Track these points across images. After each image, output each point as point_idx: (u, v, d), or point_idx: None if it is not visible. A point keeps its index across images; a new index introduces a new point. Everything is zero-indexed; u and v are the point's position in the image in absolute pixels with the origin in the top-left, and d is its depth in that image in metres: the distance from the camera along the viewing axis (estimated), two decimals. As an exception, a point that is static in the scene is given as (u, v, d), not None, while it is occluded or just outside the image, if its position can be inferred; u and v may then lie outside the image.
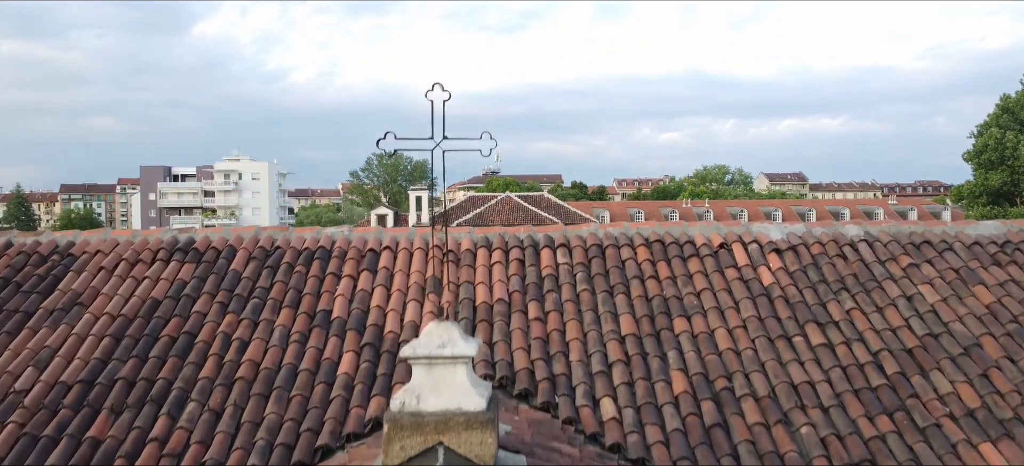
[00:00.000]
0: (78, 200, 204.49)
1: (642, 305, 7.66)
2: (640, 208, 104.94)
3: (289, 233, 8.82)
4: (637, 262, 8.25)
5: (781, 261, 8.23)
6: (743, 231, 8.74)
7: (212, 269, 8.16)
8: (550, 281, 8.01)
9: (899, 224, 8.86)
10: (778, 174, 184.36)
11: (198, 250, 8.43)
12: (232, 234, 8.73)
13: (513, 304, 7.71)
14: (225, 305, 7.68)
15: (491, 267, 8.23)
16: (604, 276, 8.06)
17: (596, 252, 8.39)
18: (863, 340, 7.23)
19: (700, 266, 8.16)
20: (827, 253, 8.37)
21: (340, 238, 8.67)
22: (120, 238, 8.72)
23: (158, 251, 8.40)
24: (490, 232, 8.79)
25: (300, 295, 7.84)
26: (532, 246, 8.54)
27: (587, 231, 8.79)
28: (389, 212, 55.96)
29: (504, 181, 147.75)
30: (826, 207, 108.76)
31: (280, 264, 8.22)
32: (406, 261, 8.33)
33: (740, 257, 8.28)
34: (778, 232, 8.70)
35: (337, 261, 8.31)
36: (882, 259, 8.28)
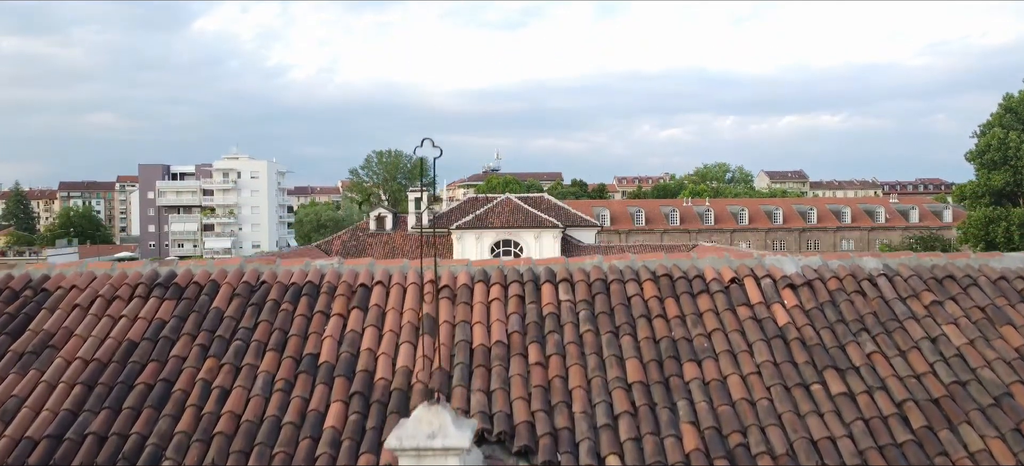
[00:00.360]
0: (77, 197, 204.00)
1: (650, 348, 7.20)
2: (640, 207, 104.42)
3: (276, 266, 8.36)
4: (644, 299, 7.79)
5: (796, 298, 7.77)
6: (755, 264, 8.28)
7: (193, 307, 7.69)
8: (552, 320, 7.55)
9: (919, 257, 8.39)
10: (779, 172, 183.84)
11: (179, 286, 7.97)
12: (215, 268, 8.27)
13: (512, 346, 7.25)
14: (206, 348, 7.22)
15: (489, 304, 7.77)
16: (609, 314, 7.60)
17: (600, 288, 7.93)
18: (886, 388, 6.76)
19: (710, 303, 7.70)
20: (845, 289, 7.90)
21: (329, 272, 8.21)
22: (98, 272, 8.26)
23: (136, 287, 7.94)
24: (488, 265, 8.32)
25: (286, 336, 7.37)
26: (532, 281, 8.08)
27: (590, 264, 8.33)
28: (388, 214, 55.43)
29: (504, 179, 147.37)
30: (827, 206, 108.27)
31: (265, 301, 7.76)
32: (399, 298, 7.87)
33: (753, 293, 7.82)
34: (792, 265, 8.24)
35: (326, 298, 7.85)
36: (903, 296, 7.82)
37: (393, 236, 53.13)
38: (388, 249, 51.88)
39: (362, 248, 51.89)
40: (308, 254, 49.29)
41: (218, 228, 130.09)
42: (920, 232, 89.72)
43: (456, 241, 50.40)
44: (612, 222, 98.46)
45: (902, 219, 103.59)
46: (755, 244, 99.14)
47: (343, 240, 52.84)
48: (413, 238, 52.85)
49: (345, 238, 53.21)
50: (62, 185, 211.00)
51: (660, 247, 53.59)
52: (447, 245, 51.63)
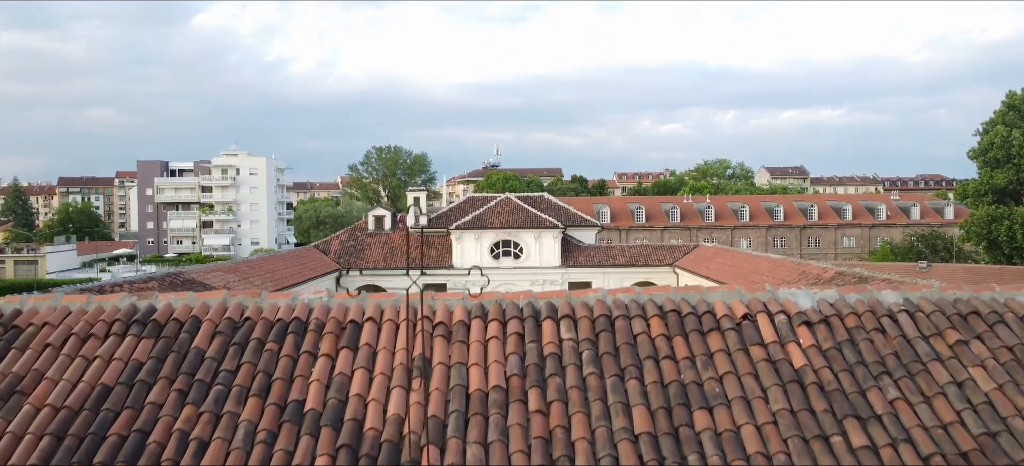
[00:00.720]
0: (76, 193, 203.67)
1: (657, 394, 6.75)
2: (641, 204, 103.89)
3: (262, 300, 7.90)
4: (651, 337, 7.34)
5: (813, 337, 7.31)
6: (768, 298, 7.83)
7: (172, 346, 7.24)
8: (553, 361, 7.10)
9: (942, 291, 7.94)
10: (779, 168, 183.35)
11: (158, 322, 7.51)
12: (197, 302, 7.81)
13: (511, 391, 6.80)
14: (184, 393, 6.77)
15: (487, 343, 7.32)
16: (614, 355, 7.15)
17: (604, 325, 7.48)
18: (911, 440, 6.32)
19: (722, 343, 7.25)
20: (864, 327, 7.45)
21: (318, 307, 7.75)
22: (72, 306, 7.80)
23: (113, 324, 7.49)
24: (486, 299, 7.86)
25: (270, 380, 6.92)
26: (533, 316, 7.62)
27: (594, 298, 7.87)
28: (387, 213, 54.94)
29: (503, 175, 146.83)
30: (828, 203, 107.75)
31: (249, 340, 7.30)
32: (391, 336, 7.42)
33: (766, 331, 7.37)
34: (808, 300, 7.78)
35: (313, 336, 7.39)
36: (926, 334, 7.37)
37: (392, 236, 52.68)
38: (387, 249, 51.43)
39: (361, 248, 51.45)
40: (306, 255, 48.85)
41: (217, 225, 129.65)
42: (921, 229, 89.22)
43: (455, 241, 49.96)
44: (612, 219, 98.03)
45: (903, 216, 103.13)
46: (756, 241, 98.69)
47: (342, 240, 52.37)
48: (412, 238, 52.41)
49: (343, 238, 52.73)
50: (61, 181, 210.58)
51: (661, 248, 53.12)
52: (446, 245, 51.20)
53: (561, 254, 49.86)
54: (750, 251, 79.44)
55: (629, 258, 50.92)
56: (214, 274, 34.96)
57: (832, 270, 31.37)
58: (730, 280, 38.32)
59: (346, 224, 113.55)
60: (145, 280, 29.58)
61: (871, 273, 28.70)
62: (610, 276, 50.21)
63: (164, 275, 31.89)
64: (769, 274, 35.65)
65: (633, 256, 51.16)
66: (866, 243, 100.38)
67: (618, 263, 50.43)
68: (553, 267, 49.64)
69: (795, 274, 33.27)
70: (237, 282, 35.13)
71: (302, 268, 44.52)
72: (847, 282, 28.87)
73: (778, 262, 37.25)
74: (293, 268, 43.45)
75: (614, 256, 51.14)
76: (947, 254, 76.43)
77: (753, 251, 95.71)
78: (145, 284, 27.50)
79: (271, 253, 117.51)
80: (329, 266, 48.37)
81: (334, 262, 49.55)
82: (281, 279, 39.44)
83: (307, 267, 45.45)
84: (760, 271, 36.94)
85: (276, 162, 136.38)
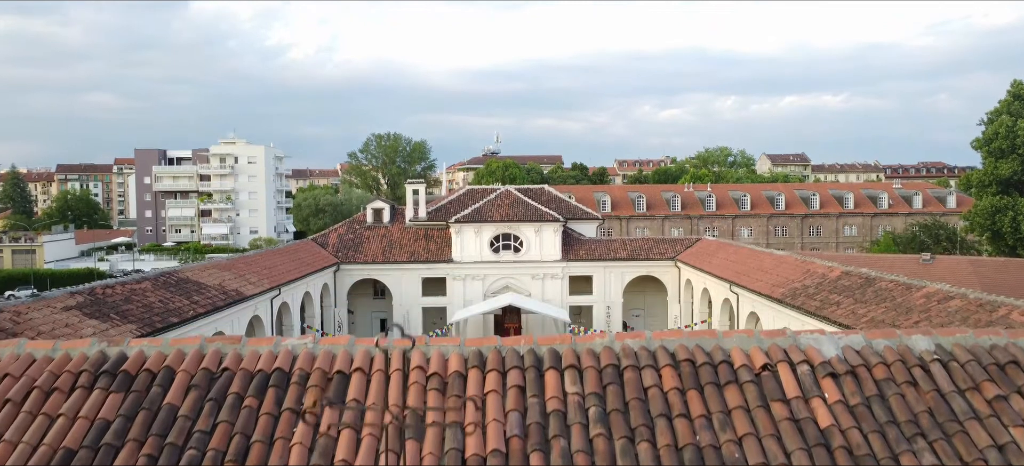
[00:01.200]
0: (75, 180, 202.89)
1: (671, 459, 6.16)
2: (641, 192, 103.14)
3: (242, 346, 7.31)
4: (663, 391, 6.76)
5: (839, 390, 6.73)
6: (790, 344, 7.24)
7: (142, 402, 6.65)
8: (557, 419, 6.51)
9: (976, 335, 7.35)
10: (780, 155, 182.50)
11: (128, 374, 6.93)
12: (172, 349, 7.22)
13: (512, 454, 6.22)
14: (154, 458, 6.19)
15: (485, 398, 6.74)
16: (623, 413, 6.56)
17: (613, 376, 6.89)
18: (951, 516, 5.75)
19: (740, 398, 6.67)
20: (894, 379, 6.86)
21: (302, 355, 7.16)
22: (37, 353, 7.22)
23: (80, 375, 6.90)
24: (484, 345, 7.28)
25: (248, 443, 6.34)
26: (535, 366, 7.03)
27: (601, 345, 7.28)
28: (386, 206, 54.27)
29: (503, 162, 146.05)
30: (829, 191, 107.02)
31: (226, 396, 6.72)
32: (381, 389, 6.83)
33: (788, 384, 6.79)
34: (832, 347, 7.19)
35: (297, 389, 6.81)
36: (961, 388, 6.78)
37: (391, 229, 52.08)
38: (385, 243, 50.84)
39: (359, 242, 50.85)
40: (303, 248, 48.23)
41: (215, 214, 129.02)
42: (923, 219, 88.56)
43: (455, 235, 49.36)
44: (613, 208, 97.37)
45: (905, 205, 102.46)
46: (757, 230, 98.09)
47: (340, 233, 51.76)
48: (411, 231, 51.79)
49: (342, 231, 52.12)
50: (60, 168, 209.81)
51: (663, 241, 52.51)
52: (446, 238, 50.60)
53: (562, 247, 49.27)
54: (752, 244, 78.86)
55: (630, 251, 50.33)
56: (209, 272, 34.38)
57: (838, 269, 30.78)
58: (733, 277, 37.73)
59: (345, 212, 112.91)
60: (139, 280, 29.01)
61: (879, 273, 28.12)
62: (611, 270, 49.65)
63: (158, 274, 31.31)
64: (773, 271, 35.06)
65: (634, 249, 50.56)
66: (868, 232, 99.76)
67: (619, 256, 49.84)
68: (553, 260, 49.07)
69: (800, 273, 32.68)
70: (232, 279, 34.55)
71: (299, 263, 43.95)
72: (853, 281, 28.28)
73: (782, 259, 36.64)
74: (290, 263, 42.87)
75: (615, 250, 50.54)
76: (950, 244, 75.81)
77: (755, 241, 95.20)
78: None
79: (270, 242, 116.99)
80: (327, 260, 47.80)
81: (332, 256, 48.96)
82: (277, 276, 38.86)
83: (304, 262, 44.87)
84: (764, 268, 36.35)
85: (275, 150, 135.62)
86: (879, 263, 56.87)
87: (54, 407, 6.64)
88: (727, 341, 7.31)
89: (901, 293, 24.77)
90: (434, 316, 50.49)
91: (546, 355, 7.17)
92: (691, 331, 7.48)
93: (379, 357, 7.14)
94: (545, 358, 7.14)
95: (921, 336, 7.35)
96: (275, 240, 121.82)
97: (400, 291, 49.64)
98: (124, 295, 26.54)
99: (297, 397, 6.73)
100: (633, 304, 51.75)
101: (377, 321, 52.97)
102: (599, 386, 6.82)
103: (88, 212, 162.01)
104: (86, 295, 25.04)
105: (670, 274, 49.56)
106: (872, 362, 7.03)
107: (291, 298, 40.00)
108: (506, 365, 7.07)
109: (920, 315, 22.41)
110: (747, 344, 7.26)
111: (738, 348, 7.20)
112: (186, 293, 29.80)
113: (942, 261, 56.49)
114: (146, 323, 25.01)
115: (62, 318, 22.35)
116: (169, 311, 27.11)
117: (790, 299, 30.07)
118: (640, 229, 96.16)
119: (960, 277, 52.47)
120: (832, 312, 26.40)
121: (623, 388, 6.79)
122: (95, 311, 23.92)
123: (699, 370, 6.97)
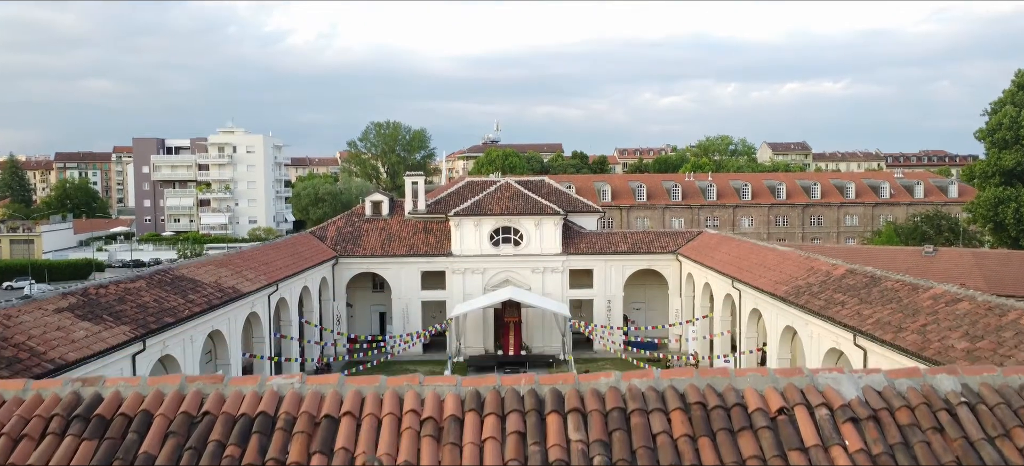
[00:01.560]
0: (73, 169, 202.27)
1: (682, 517, 5.75)
2: (642, 182, 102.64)
3: (224, 386, 6.88)
4: (673, 438, 6.33)
5: (861, 438, 6.29)
6: (807, 384, 6.81)
7: (117, 450, 6.22)
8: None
9: (1004, 374, 6.92)
10: (781, 143, 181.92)
11: (103, 417, 6.50)
12: (150, 389, 6.79)
13: (511, 511, 5.80)
14: (128, 516, 5.77)
15: (482, 445, 6.31)
16: (630, 463, 6.14)
17: (619, 421, 6.46)
18: None
19: (755, 446, 6.24)
20: (919, 424, 6.43)
21: (288, 397, 6.73)
22: (7, 394, 6.79)
23: (51, 420, 6.47)
24: (482, 385, 6.85)
25: (229, 498, 5.92)
26: (536, 409, 6.60)
27: (606, 385, 6.85)
28: (384, 199, 53.80)
29: (503, 151, 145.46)
30: (830, 181, 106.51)
31: (206, 444, 6.28)
32: (372, 434, 6.40)
33: (806, 430, 6.35)
34: (852, 388, 6.76)
35: (282, 435, 6.38)
36: (991, 435, 6.35)
37: (390, 222, 51.66)
38: (384, 236, 50.42)
39: (358, 235, 50.43)
40: (301, 242, 47.78)
41: (214, 203, 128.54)
42: (925, 208, 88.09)
43: (454, 228, 48.93)
44: (613, 197, 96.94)
45: (907, 194, 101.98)
46: (758, 220, 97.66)
47: (338, 226, 51.33)
48: (410, 224, 51.36)
49: (340, 224, 51.68)
50: (58, 156, 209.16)
51: (664, 235, 52.07)
52: (445, 231, 50.18)
53: (562, 241, 48.86)
54: (753, 234, 78.47)
55: (631, 245, 49.92)
56: (205, 268, 33.96)
57: (842, 266, 30.37)
58: (735, 273, 37.31)
59: (345, 201, 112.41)
60: (133, 279, 28.59)
61: (884, 273, 27.69)
62: (612, 263, 49.25)
63: (153, 272, 30.90)
64: (776, 268, 34.64)
65: (635, 243, 50.15)
66: (869, 222, 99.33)
67: (620, 250, 49.45)
68: (554, 254, 48.67)
69: (803, 270, 32.26)
70: (229, 276, 34.13)
71: (297, 257, 43.53)
72: (858, 280, 27.87)
73: (785, 255, 36.20)
74: (288, 258, 42.45)
75: (616, 243, 50.13)
76: (952, 235, 75.33)
77: (755, 230, 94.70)
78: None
79: (269, 232, 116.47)
80: (325, 254, 47.39)
81: (331, 249, 48.56)
82: (275, 271, 38.44)
83: (302, 256, 44.44)
84: (767, 264, 35.93)
85: (274, 139, 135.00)
86: (881, 255, 56.45)
87: (23, 456, 6.21)
88: (740, 381, 6.88)
89: (908, 294, 24.36)
90: (433, 310, 50.15)
91: (548, 396, 6.75)
92: (702, 368, 7.04)
93: (371, 397, 6.72)
94: (547, 400, 6.72)
95: (946, 375, 6.92)
96: (274, 230, 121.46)
97: (399, 285, 49.27)
98: (118, 295, 26.13)
99: (282, 444, 6.30)
100: (634, 298, 51.40)
101: (376, 314, 52.63)
102: (604, 432, 6.39)
103: (87, 201, 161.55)
104: (79, 296, 24.64)
105: (671, 268, 49.16)
106: (895, 405, 6.60)
107: (289, 293, 39.61)
108: (506, 408, 6.65)
109: (927, 317, 22.01)
110: (761, 384, 6.84)
111: (752, 388, 6.77)
112: (181, 291, 29.39)
113: (945, 254, 56.04)
114: (140, 324, 24.62)
115: (54, 321, 21.96)
116: (164, 311, 26.71)
117: (794, 297, 29.67)
118: (640, 219, 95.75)
119: (963, 270, 52.08)
120: (837, 312, 26.00)
121: (630, 435, 6.37)
122: (88, 313, 23.52)
123: (711, 414, 6.54)
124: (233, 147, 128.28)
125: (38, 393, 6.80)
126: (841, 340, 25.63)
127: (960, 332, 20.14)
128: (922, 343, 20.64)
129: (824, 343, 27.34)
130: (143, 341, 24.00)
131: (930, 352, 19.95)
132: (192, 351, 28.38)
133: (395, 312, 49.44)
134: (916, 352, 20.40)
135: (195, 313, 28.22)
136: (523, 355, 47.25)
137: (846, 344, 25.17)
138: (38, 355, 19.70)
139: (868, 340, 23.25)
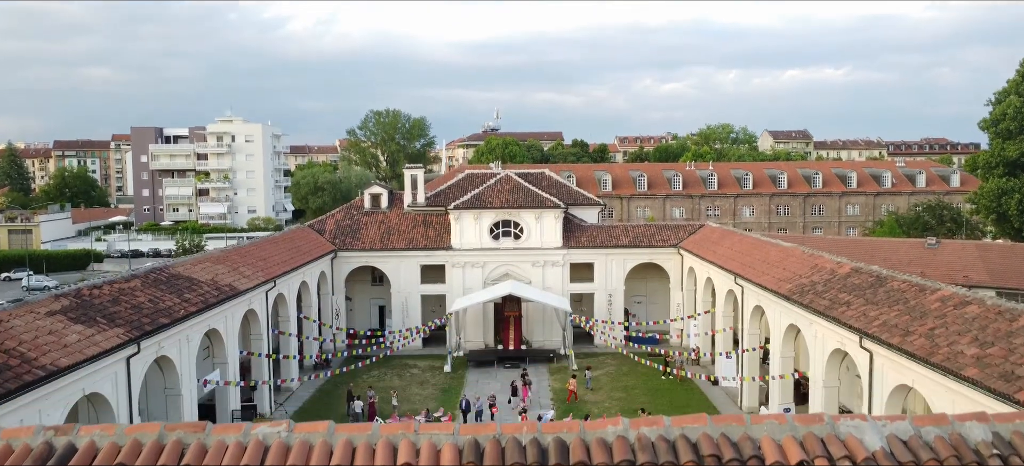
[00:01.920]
0: (72, 157, 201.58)
1: None
2: (643, 171, 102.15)
3: (206, 435, 6.45)
4: (685, 495, 5.91)
5: (886, 495, 5.88)
6: (827, 433, 6.38)
7: (91, 510, 5.82)
8: (564, 532, 5.68)
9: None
10: (782, 132, 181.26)
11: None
12: (128, 438, 6.36)
13: None
14: None
15: (482, 502, 5.90)
16: (640, 524, 5.73)
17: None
18: None
19: (774, 505, 5.82)
20: (948, 479, 6.02)
21: (275, 446, 6.30)
22: (-25, 443, 6.37)
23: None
24: (482, 434, 6.42)
25: (209, 566, 5.51)
26: (539, 462, 6.17)
27: (614, 433, 6.42)
28: (384, 191, 53.32)
29: (503, 140, 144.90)
30: (832, 170, 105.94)
31: (186, 503, 5.87)
32: (364, 491, 5.99)
33: (828, 487, 5.94)
34: (876, 438, 6.33)
35: (267, 493, 5.96)
36: (1026, 491, 5.94)
37: (389, 215, 51.21)
38: (383, 229, 49.99)
39: (356, 228, 50.01)
40: (299, 236, 47.37)
41: (213, 193, 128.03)
42: (927, 198, 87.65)
43: (454, 221, 48.50)
44: (614, 187, 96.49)
45: (909, 184, 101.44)
46: (759, 210, 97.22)
47: (337, 219, 50.87)
48: (409, 217, 50.92)
49: (339, 217, 51.23)
50: (57, 144, 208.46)
51: (665, 228, 51.63)
52: (445, 225, 49.74)
53: (562, 234, 48.44)
54: (754, 227, 78.01)
55: (632, 238, 49.49)
56: (201, 266, 33.55)
57: (847, 265, 29.95)
58: (738, 269, 36.89)
59: (344, 190, 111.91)
60: (127, 279, 28.18)
61: (890, 273, 27.27)
62: (612, 257, 48.84)
63: (148, 271, 30.48)
64: (779, 264, 34.23)
65: (636, 236, 49.72)
66: (871, 212, 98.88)
67: (621, 243, 49.03)
68: (554, 247, 48.26)
69: (807, 267, 31.84)
70: (226, 273, 33.72)
71: (295, 252, 43.12)
72: (864, 279, 27.45)
73: (789, 251, 35.77)
74: (286, 252, 42.05)
75: (617, 236, 49.71)
76: (954, 225, 74.87)
77: (756, 220, 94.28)
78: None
79: (268, 222, 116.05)
80: (324, 247, 46.99)
81: (329, 243, 48.16)
82: (273, 267, 38.04)
83: (301, 250, 44.04)
84: (770, 260, 35.52)
85: (272, 128, 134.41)
86: (884, 247, 56.03)
87: (-11, 517, 5.81)
88: (756, 429, 6.45)
89: (915, 295, 23.95)
90: (433, 304, 49.76)
91: (552, 447, 6.32)
92: (715, 417, 6.62)
93: (363, 448, 6.30)
94: (550, 451, 6.29)
95: (976, 423, 6.49)
96: (273, 219, 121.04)
97: (398, 278, 48.87)
98: (112, 296, 25.72)
99: (267, 503, 5.89)
100: (635, 291, 51.01)
101: (375, 308, 52.27)
102: (612, 489, 5.98)
103: (86, 190, 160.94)
104: (72, 298, 24.23)
105: (673, 261, 48.74)
106: (923, 458, 6.17)
107: (287, 289, 39.21)
108: (506, 460, 6.22)
109: (935, 320, 21.61)
110: (779, 433, 6.41)
111: (769, 438, 6.35)
112: (177, 290, 28.99)
113: (948, 245, 55.64)
114: (135, 326, 24.21)
115: (46, 325, 21.56)
116: (159, 311, 26.31)
117: (798, 296, 29.26)
118: (641, 208, 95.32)
119: (966, 263, 51.72)
120: (842, 313, 25.60)
121: (639, 491, 5.95)
122: (81, 315, 23.11)
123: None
124: (232, 136, 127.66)
125: (8, 443, 6.37)
126: (846, 341, 25.23)
127: (969, 337, 19.74)
128: (930, 348, 20.24)
129: (829, 344, 26.95)
130: (138, 343, 23.60)
131: (939, 357, 19.56)
132: (188, 351, 28.01)
133: (394, 306, 49.08)
134: (924, 357, 20.02)
135: (191, 313, 27.82)
136: (523, 349, 46.89)
137: (852, 346, 24.78)
138: (29, 361, 19.30)
139: (874, 343, 22.86)
